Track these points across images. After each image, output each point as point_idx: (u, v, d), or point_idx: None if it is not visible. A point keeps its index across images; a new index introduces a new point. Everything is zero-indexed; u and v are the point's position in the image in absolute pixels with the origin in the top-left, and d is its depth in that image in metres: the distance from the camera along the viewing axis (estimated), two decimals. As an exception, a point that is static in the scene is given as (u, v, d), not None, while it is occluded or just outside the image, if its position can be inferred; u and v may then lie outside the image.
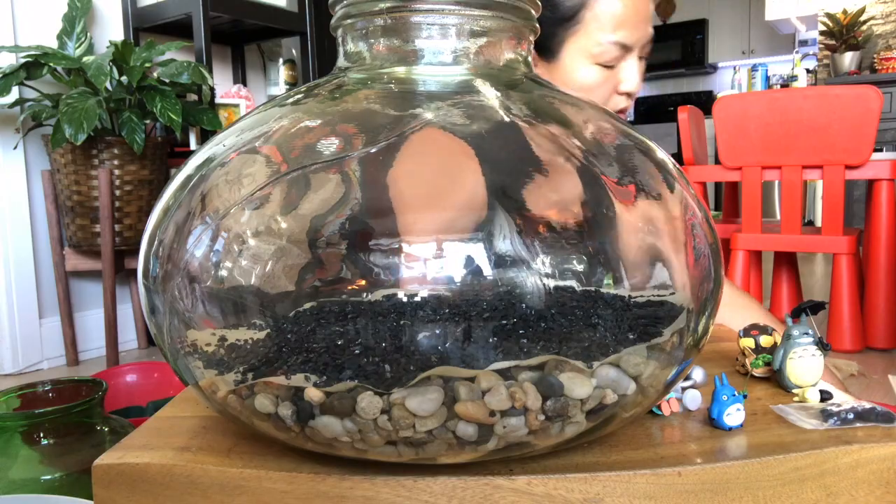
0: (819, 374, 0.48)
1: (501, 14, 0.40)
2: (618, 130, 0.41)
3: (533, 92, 0.41)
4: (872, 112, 1.68)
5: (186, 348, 0.37)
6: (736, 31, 5.56)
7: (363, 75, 0.41)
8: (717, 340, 0.64)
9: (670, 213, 0.38)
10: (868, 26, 3.93)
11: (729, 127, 1.86)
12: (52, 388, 0.75)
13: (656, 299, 0.36)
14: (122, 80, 1.72)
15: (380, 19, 0.39)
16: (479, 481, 0.36)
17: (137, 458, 0.40)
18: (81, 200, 1.73)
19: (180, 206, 0.38)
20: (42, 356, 1.88)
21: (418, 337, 0.32)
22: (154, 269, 0.38)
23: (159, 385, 1.13)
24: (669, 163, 0.41)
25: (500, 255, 0.32)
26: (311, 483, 0.37)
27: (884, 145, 3.57)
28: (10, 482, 0.65)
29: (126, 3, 2.06)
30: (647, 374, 0.36)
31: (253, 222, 0.35)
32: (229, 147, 0.39)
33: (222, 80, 2.34)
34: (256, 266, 0.34)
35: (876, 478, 0.40)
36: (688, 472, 0.37)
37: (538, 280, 0.33)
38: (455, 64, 0.40)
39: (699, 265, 0.38)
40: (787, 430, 0.42)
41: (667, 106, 5.53)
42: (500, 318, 0.32)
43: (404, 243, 0.32)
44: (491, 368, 0.33)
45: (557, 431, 0.35)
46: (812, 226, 3.05)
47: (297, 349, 0.34)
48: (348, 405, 0.33)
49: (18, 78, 1.61)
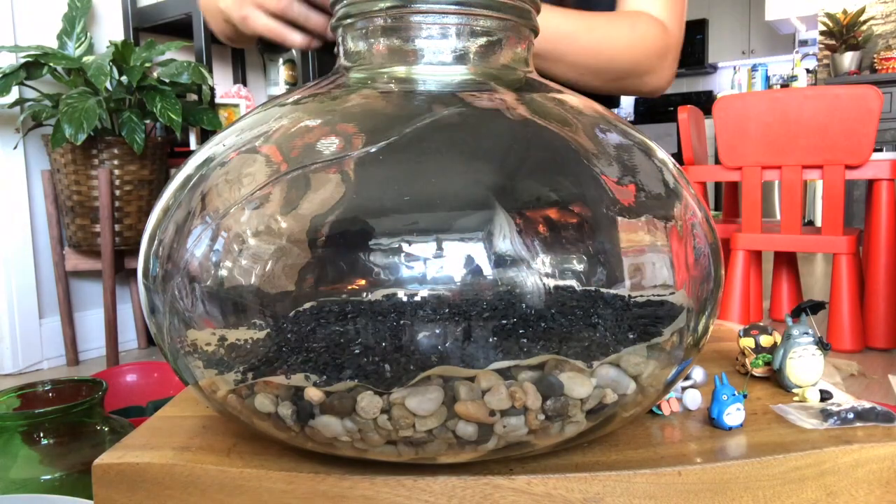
0: (819, 373, 0.48)
1: (501, 14, 0.40)
2: (618, 130, 0.41)
3: (533, 91, 0.41)
4: (872, 112, 1.68)
5: (186, 348, 0.37)
6: (736, 31, 5.56)
7: (363, 75, 0.41)
8: (717, 340, 0.64)
9: (670, 212, 0.38)
10: (868, 26, 3.93)
11: (729, 127, 1.86)
12: (52, 388, 0.75)
13: (656, 299, 0.36)
14: (122, 80, 1.72)
15: (380, 19, 0.39)
16: (479, 481, 0.36)
17: (137, 457, 0.40)
18: (81, 200, 1.73)
19: (180, 206, 0.38)
20: (42, 356, 1.88)
21: (418, 336, 0.32)
22: (154, 269, 0.38)
23: (159, 385, 1.13)
24: (669, 163, 0.41)
25: (500, 254, 0.32)
26: (310, 482, 0.37)
27: (884, 145, 3.57)
28: (10, 482, 0.65)
29: (126, 3, 2.06)
30: (647, 374, 0.36)
31: (253, 222, 0.35)
32: (229, 147, 0.39)
33: (222, 80, 2.34)
34: (256, 266, 0.34)
35: (876, 477, 0.40)
36: (688, 472, 0.37)
37: (538, 279, 0.33)
38: (455, 64, 0.40)
39: (699, 265, 0.38)
40: (787, 430, 0.42)
41: (667, 106, 5.53)
42: (500, 317, 0.32)
43: (404, 242, 0.32)
44: (491, 368, 0.33)
45: (557, 431, 0.35)
46: (812, 226, 3.05)
47: (297, 349, 0.34)
48: (348, 405, 0.33)
49: (18, 78, 1.61)
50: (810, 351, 0.47)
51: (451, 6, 0.39)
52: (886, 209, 1.81)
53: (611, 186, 0.36)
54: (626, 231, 0.36)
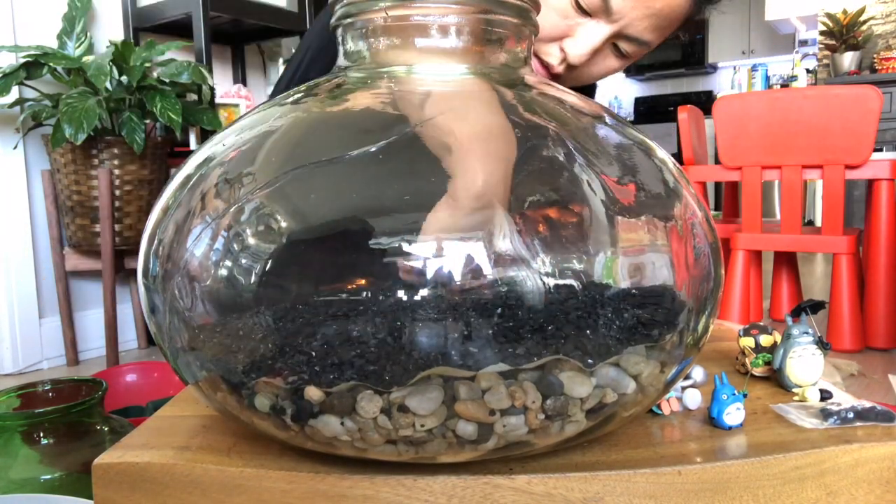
0: (819, 373, 0.48)
1: (501, 13, 0.40)
2: (618, 130, 0.41)
3: (532, 91, 0.41)
4: (872, 112, 1.68)
5: (186, 347, 0.37)
6: (736, 31, 5.56)
7: (363, 74, 0.41)
8: (717, 340, 0.64)
9: (670, 212, 0.38)
10: (868, 26, 3.93)
11: (729, 127, 1.86)
12: (52, 388, 0.75)
13: (656, 299, 0.36)
14: (122, 79, 1.72)
15: (379, 18, 0.39)
16: (479, 480, 0.36)
17: (137, 457, 0.40)
18: (81, 200, 1.73)
19: (180, 206, 0.38)
20: (42, 356, 1.88)
21: (418, 336, 0.32)
22: (154, 269, 0.38)
23: (159, 385, 1.13)
24: (669, 162, 0.41)
25: (500, 253, 0.32)
26: (310, 482, 0.37)
27: (884, 145, 3.57)
28: (10, 482, 0.65)
29: (126, 3, 2.06)
30: (647, 374, 0.36)
31: (253, 221, 0.35)
32: (229, 146, 0.39)
33: (222, 80, 2.34)
34: (256, 265, 0.34)
35: (876, 477, 0.40)
36: (688, 472, 0.37)
37: (538, 279, 0.33)
38: (454, 63, 0.40)
39: (699, 265, 0.38)
40: (786, 430, 0.42)
41: (667, 106, 5.53)
42: (500, 316, 0.32)
43: (404, 242, 0.32)
44: (491, 367, 0.33)
45: (557, 430, 0.35)
46: (812, 226, 3.05)
47: (297, 348, 0.34)
48: (348, 404, 0.33)
49: (18, 78, 1.61)
50: (810, 351, 0.47)
51: (450, 6, 0.39)
52: (886, 209, 1.81)
53: (610, 186, 0.36)
54: (626, 231, 0.36)
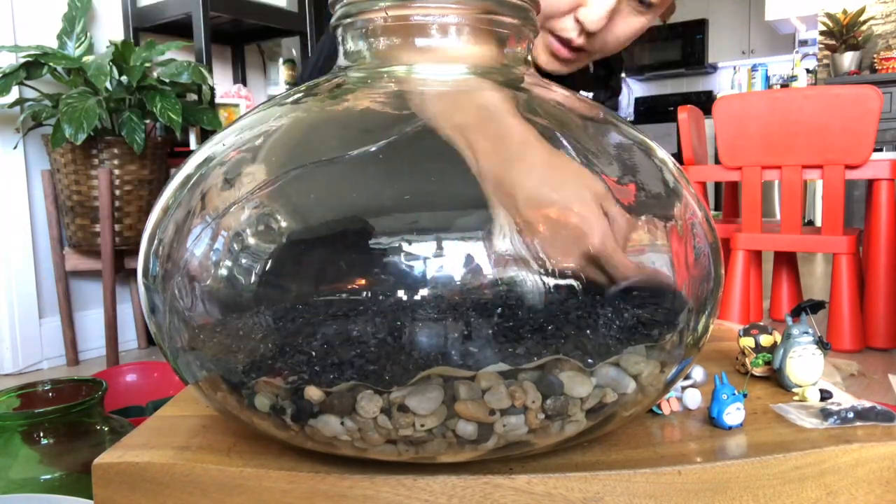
0: (819, 373, 0.48)
1: (501, 13, 0.40)
2: (618, 130, 0.41)
3: (532, 91, 0.41)
4: (872, 112, 1.68)
5: (186, 347, 0.37)
6: (736, 31, 5.56)
7: (363, 74, 0.41)
8: (717, 340, 0.64)
9: (670, 212, 0.38)
10: (868, 26, 3.93)
11: (729, 127, 1.86)
12: (52, 388, 0.75)
13: (656, 299, 0.36)
14: (122, 79, 1.72)
15: (379, 18, 0.39)
16: (479, 480, 0.36)
17: (137, 457, 0.40)
18: (81, 200, 1.73)
19: (180, 205, 0.38)
20: (42, 356, 1.88)
21: (418, 336, 0.32)
22: (154, 269, 0.38)
23: (159, 385, 1.13)
24: (669, 162, 0.41)
25: (500, 253, 0.32)
26: (310, 482, 0.37)
27: (884, 145, 3.57)
28: (10, 482, 0.65)
29: (126, 3, 2.06)
30: (647, 373, 0.36)
31: (253, 221, 0.35)
32: (229, 146, 0.39)
33: (222, 80, 2.34)
34: (256, 265, 0.34)
35: (876, 476, 0.40)
36: (688, 471, 0.37)
37: (538, 279, 0.33)
38: (454, 63, 0.40)
39: (699, 265, 0.38)
40: (786, 430, 0.42)
41: (667, 106, 5.52)
42: (500, 316, 0.32)
43: (404, 242, 0.32)
44: (491, 367, 0.33)
45: (557, 430, 0.35)
46: (812, 226, 3.05)
47: (297, 348, 0.34)
48: (348, 404, 0.33)
49: (18, 78, 1.61)
50: (810, 350, 0.47)
51: (450, 5, 0.39)
52: (886, 209, 1.81)
53: (610, 186, 0.36)
54: (626, 230, 0.36)
